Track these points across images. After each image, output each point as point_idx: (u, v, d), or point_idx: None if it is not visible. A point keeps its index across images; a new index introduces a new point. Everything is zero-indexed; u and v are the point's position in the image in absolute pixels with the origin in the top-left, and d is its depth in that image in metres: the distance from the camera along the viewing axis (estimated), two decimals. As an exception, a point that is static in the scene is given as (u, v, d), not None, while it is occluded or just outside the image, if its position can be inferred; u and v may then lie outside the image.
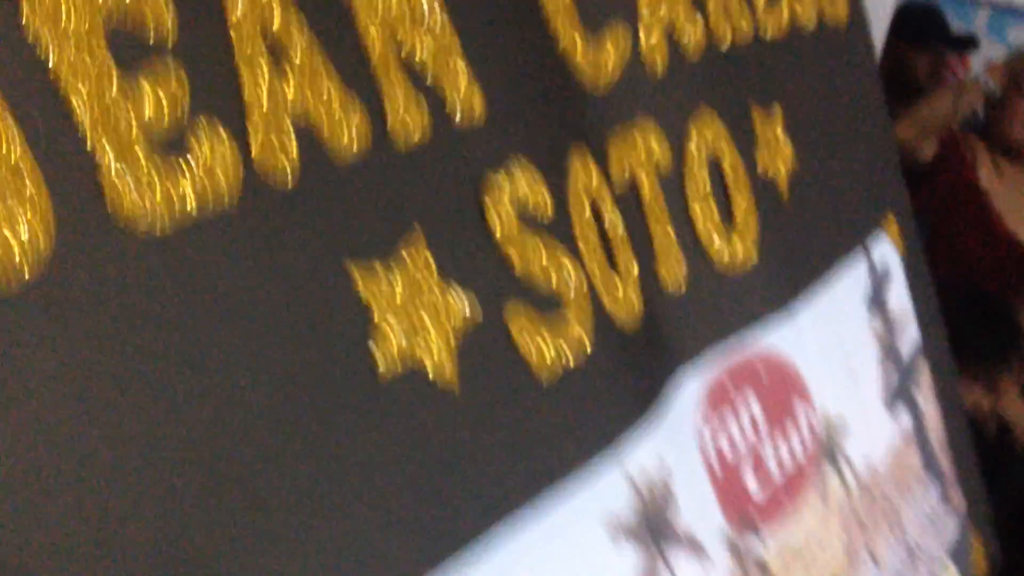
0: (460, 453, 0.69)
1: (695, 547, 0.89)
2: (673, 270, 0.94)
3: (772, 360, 1.05)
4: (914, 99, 2.19)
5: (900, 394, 1.30)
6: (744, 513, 0.98)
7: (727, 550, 0.94)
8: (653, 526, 0.84)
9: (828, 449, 1.11)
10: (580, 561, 0.77)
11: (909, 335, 1.36)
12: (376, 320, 0.64)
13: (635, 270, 0.88)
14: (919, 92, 2.26)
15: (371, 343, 0.64)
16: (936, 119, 2.15)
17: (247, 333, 0.57)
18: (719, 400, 0.97)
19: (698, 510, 0.91)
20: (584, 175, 0.84)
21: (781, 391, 1.05)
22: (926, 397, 1.38)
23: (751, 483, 0.99)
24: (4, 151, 0.47)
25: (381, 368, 0.64)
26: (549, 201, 0.79)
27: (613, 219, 0.86)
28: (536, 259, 0.77)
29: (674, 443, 0.90)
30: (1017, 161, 2.17)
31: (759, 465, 1.01)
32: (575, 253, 0.81)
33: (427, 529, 0.66)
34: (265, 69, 0.59)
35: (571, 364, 0.78)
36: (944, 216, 2.19)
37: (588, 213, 0.83)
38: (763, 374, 1.03)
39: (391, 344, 0.65)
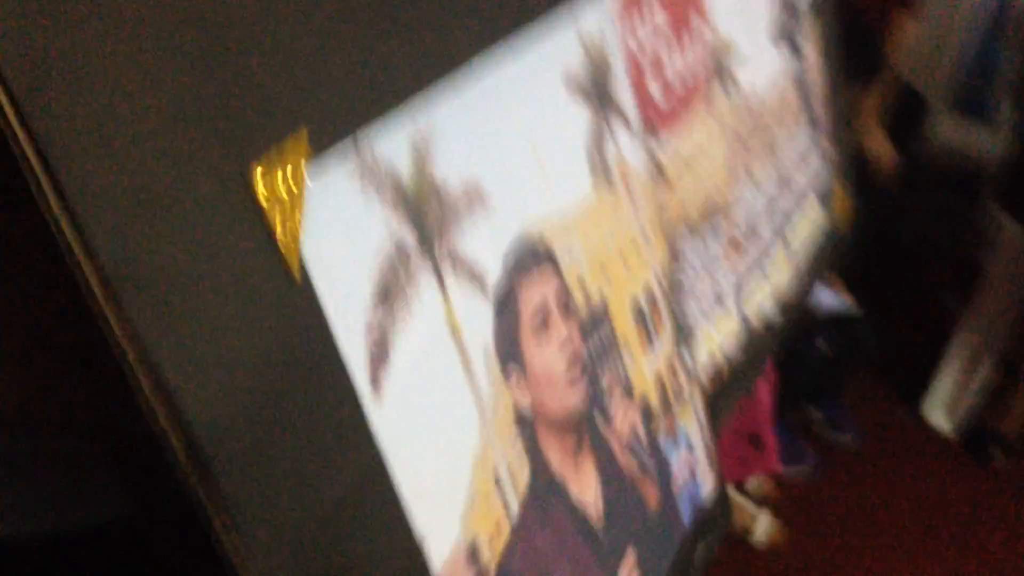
0: None
1: (627, 123, 0.96)
2: None
3: (673, -26, 1.08)
4: None
5: (787, 35, 1.36)
6: (649, 117, 1.04)
7: (641, 148, 1.01)
8: (600, 91, 0.92)
9: (719, 67, 1.17)
10: (541, 105, 0.84)
11: (799, -15, 1.41)
12: None
13: None
14: None
15: None
16: None
17: None
18: (631, 2, 1.00)
19: (624, 100, 0.97)
20: None
21: (681, 3, 1.09)
22: (813, 50, 1.45)
23: (655, 90, 1.05)
24: None
25: None
26: None
27: None
28: None
29: (607, 30, 0.94)
30: None
31: (662, 73, 1.06)
32: None
33: (420, 47, 0.69)
34: None
35: None
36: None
37: None
38: (665, -15, 1.06)
39: None
